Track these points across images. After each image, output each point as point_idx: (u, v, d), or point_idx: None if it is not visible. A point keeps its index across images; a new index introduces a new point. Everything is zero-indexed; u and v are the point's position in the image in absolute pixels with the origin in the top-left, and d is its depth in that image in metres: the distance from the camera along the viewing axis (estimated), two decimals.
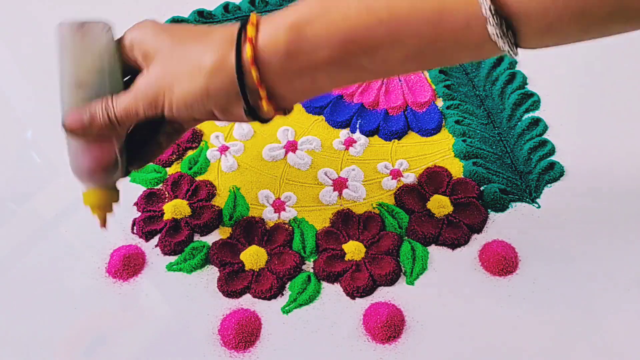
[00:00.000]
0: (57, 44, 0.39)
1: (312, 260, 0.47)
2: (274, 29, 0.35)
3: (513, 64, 0.60)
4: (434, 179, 0.52)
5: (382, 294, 0.45)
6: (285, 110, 0.39)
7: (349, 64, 0.35)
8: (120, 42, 0.40)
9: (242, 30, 0.35)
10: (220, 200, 0.51)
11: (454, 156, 0.53)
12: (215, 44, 0.36)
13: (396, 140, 0.55)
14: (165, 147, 0.43)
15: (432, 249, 0.48)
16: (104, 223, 0.43)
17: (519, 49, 0.34)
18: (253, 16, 0.36)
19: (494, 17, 0.32)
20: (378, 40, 0.34)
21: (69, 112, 0.39)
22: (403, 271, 0.46)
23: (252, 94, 0.36)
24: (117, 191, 0.43)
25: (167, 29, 0.39)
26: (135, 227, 0.49)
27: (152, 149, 0.43)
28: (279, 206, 0.50)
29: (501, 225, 0.49)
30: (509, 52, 0.33)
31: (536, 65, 0.60)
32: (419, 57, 0.34)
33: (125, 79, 0.41)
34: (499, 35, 0.32)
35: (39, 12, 0.68)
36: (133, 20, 0.69)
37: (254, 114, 0.38)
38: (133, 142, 0.42)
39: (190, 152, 0.54)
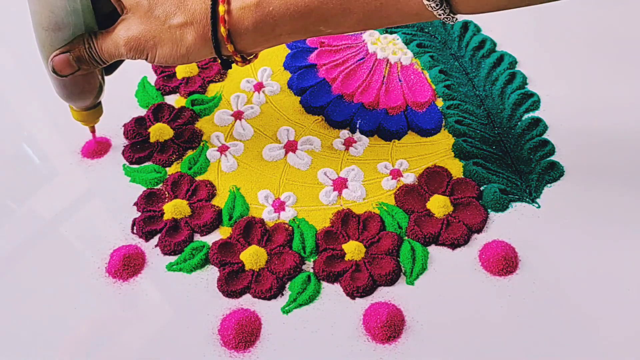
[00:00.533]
0: None
1: (312, 260, 0.47)
2: (241, 7, 0.41)
3: (513, 63, 0.60)
4: (434, 179, 0.52)
5: (382, 294, 0.45)
6: (255, 56, 0.46)
7: (307, 30, 0.42)
8: None
9: (214, 6, 0.41)
10: (220, 200, 0.51)
11: (454, 156, 0.53)
12: (193, 17, 0.42)
13: (396, 140, 0.55)
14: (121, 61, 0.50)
15: (432, 249, 0.48)
16: (93, 130, 0.53)
17: (457, 15, 0.39)
18: None
19: None
20: (331, 12, 0.40)
21: (55, 58, 0.44)
22: (403, 271, 0.46)
23: (227, 57, 0.45)
24: (101, 105, 0.51)
25: None
26: (135, 227, 0.49)
27: (120, 61, 0.49)
28: (279, 206, 0.50)
29: (501, 225, 0.49)
30: (445, 19, 0.39)
31: (536, 65, 0.60)
32: (368, 22, 0.40)
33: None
34: (434, 7, 0.38)
35: None
36: None
37: (227, 66, 0.46)
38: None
39: (190, 152, 0.54)
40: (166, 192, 0.51)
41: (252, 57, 0.46)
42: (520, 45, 0.61)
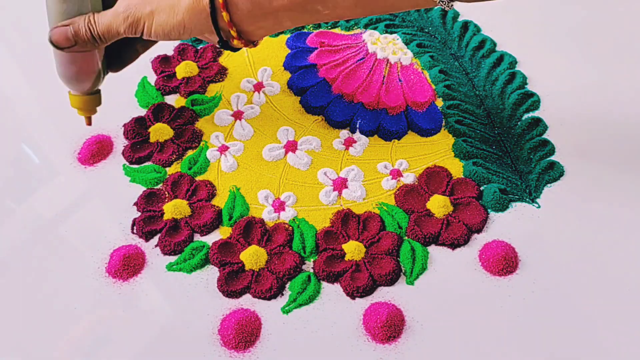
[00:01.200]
0: None
1: (312, 260, 0.47)
2: None
3: (513, 63, 0.60)
4: (434, 179, 0.52)
5: (382, 294, 0.45)
6: (254, 43, 0.45)
7: (305, 9, 0.41)
8: None
9: None
10: (220, 200, 0.51)
11: (454, 156, 0.53)
12: None
13: (396, 140, 0.55)
14: (142, 52, 0.50)
15: (432, 249, 0.48)
16: (89, 122, 0.51)
17: (454, 3, 0.40)
18: None
19: None
20: None
21: (55, 29, 0.44)
22: (403, 271, 0.46)
23: (224, 31, 0.43)
24: (99, 95, 0.50)
25: None
26: (135, 227, 0.49)
27: (130, 54, 0.49)
28: (279, 206, 0.50)
29: (501, 225, 0.49)
30: (443, 5, 0.39)
31: (536, 65, 0.60)
32: (366, 5, 0.41)
33: None
34: None
35: (39, 12, 0.68)
36: None
37: (225, 46, 0.45)
38: (112, 48, 0.48)
39: (190, 152, 0.54)
40: (166, 192, 0.51)
41: (252, 43, 0.45)
42: (520, 45, 0.61)
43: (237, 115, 0.57)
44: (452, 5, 0.40)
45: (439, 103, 0.57)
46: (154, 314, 0.45)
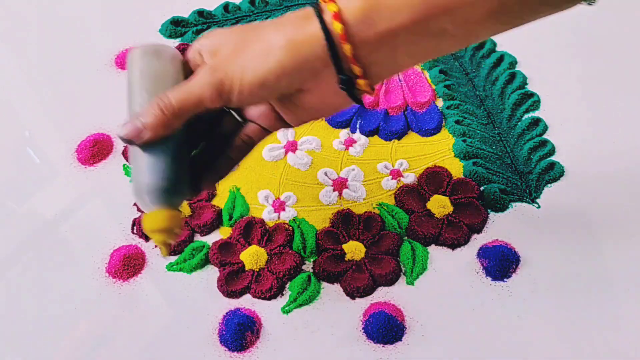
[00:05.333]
0: (128, 67, 0.37)
1: (312, 260, 0.47)
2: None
3: (513, 64, 0.60)
4: (434, 179, 0.52)
5: (382, 294, 0.45)
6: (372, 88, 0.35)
7: (429, 29, 0.33)
8: (185, 59, 0.38)
9: (316, 6, 0.33)
10: (220, 200, 0.51)
11: (454, 156, 0.53)
12: (286, 22, 0.34)
13: (396, 140, 0.55)
14: (237, 161, 0.40)
15: (432, 249, 0.48)
16: (167, 251, 0.38)
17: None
18: None
19: None
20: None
21: (122, 124, 0.35)
22: (403, 271, 0.46)
23: (347, 75, 0.34)
24: (180, 214, 0.37)
25: (236, 27, 0.36)
26: (135, 227, 0.49)
27: (224, 163, 0.39)
28: (279, 206, 0.50)
29: (501, 225, 0.49)
30: (589, 3, 0.34)
31: (536, 65, 0.60)
32: (502, 13, 0.33)
33: None
34: None
35: (39, 13, 0.68)
36: (134, 19, 0.69)
37: (349, 88, 0.34)
38: (202, 160, 0.39)
39: None
40: None
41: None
42: (520, 45, 0.61)
43: None
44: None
45: (439, 103, 0.57)
46: (154, 314, 0.45)
